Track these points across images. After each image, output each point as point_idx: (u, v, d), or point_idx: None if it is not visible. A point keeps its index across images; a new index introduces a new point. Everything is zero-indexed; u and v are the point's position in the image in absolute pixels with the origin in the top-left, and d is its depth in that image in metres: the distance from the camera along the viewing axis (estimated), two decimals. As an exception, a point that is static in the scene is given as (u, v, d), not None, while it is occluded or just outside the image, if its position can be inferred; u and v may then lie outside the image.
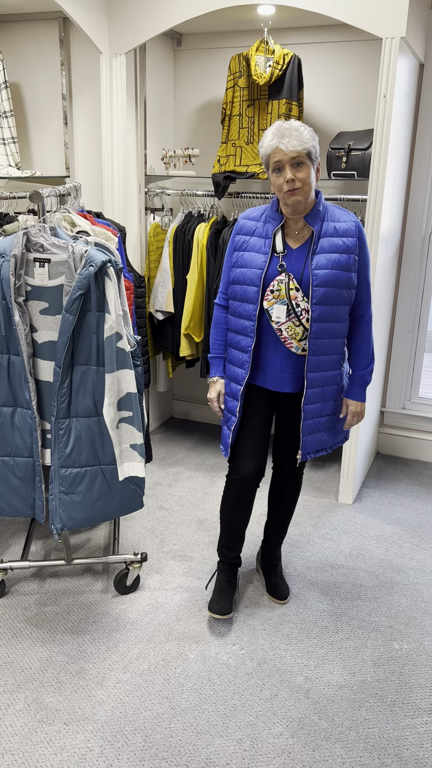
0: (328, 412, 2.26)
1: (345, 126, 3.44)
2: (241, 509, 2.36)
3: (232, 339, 2.24)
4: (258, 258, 2.12)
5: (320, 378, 2.18)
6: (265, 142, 2.03)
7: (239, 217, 2.22)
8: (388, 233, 3.09)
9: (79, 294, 2.06)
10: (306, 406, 2.19)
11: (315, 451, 2.28)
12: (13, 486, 2.28)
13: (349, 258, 2.10)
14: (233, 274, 2.19)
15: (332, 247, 2.09)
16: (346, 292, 2.12)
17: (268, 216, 2.16)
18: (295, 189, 1.99)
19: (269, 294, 2.10)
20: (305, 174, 2.00)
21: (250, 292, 2.13)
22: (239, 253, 2.18)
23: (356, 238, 2.12)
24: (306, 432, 2.23)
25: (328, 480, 3.53)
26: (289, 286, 2.08)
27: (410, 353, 3.72)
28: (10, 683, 2.10)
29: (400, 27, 2.61)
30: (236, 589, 2.52)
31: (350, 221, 2.13)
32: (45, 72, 3.47)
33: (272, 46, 3.12)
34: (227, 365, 2.28)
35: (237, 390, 2.23)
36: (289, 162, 1.98)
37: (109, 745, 1.89)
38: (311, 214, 2.09)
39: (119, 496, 2.31)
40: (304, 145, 1.97)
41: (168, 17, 2.98)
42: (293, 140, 1.95)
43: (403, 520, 3.14)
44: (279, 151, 1.97)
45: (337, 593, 2.58)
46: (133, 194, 3.49)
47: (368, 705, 2.05)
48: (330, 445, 2.33)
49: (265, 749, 1.88)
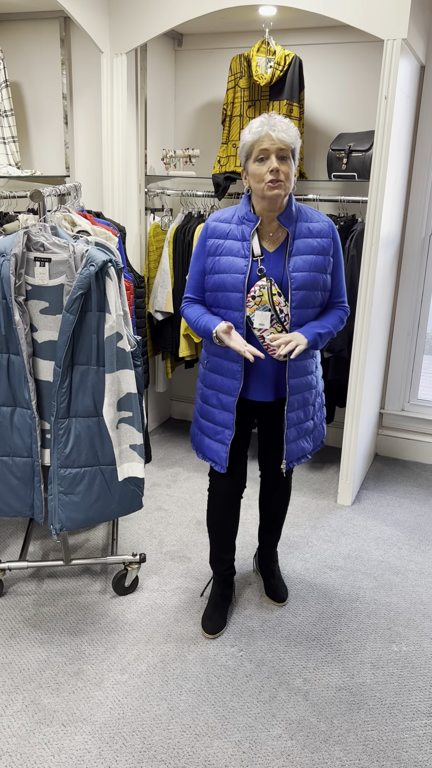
0: (308, 417, 2.22)
1: (346, 127, 3.44)
2: (228, 521, 2.33)
3: (217, 348, 2.13)
4: (238, 262, 2.03)
5: (300, 384, 2.14)
6: (252, 128, 1.94)
7: (208, 220, 2.12)
8: (388, 235, 3.09)
9: (79, 293, 2.06)
10: (289, 413, 2.15)
11: (297, 459, 2.24)
12: (11, 486, 2.27)
13: (325, 259, 2.06)
14: (211, 281, 2.08)
15: (307, 249, 2.04)
16: (321, 294, 2.08)
17: (240, 217, 2.06)
18: (278, 180, 1.93)
19: (250, 300, 2.03)
20: (288, 169, 1.95)
21: (233, 299, 2.04)
22: (215, 258, 2.07)
23: (330, 239, 2.07)
24: (289, 440, 2.19)
25: (326, 481, 3.52)
26: (272, 291, 2.01)
27: (409, 355, 3.72)
28: (8, 684, 2.10)
29: (402, 28, 2.61)
30: (232, 599, 2.49)
31: (323, 221, 2.08)
32: (46, 71, 3.47)
33: (273, 47, 3.12)
34: (212, 375, 2.17)
35: (229, 402, 2.14)
36: (276, 152, 1.92)
37: (107, 746, 1.88)
38: (285, 215, 2.02)
39: (118, 497, 2.30)
40: (292, 139, 1.93)
41: (169, 17, 2.98)
42: (282, 132, 1.91)
43: (402, 521, 3.14)
44: (268, 138, 1.91)
45: (336, 595, 2.58)
46: (133, 194, 3.48)
47: (367, 707, 2.04)
48: (310, 451, 2.28)
49: (263, 751, 1.88)
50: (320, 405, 2.30)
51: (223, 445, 2.18)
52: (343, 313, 2.17)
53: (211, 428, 2.21)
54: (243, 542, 2.92)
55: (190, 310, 2.14)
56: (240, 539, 2.93)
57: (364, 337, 2.99)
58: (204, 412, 2.23)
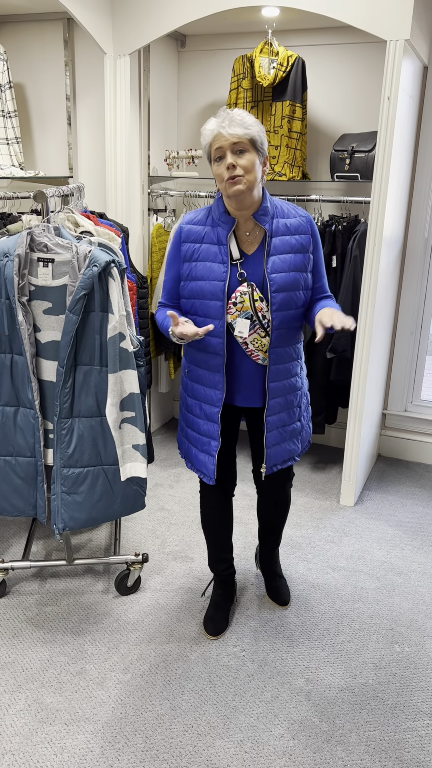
0: (293, 419, 2.15)
1: (348, 128, 3.44)
2: (221, 519, 2.32)
3: (196, 357, 2.07)
4: (216, 268, 1.94)
5: (281, 387, 2.07)
6: (206, 129, 1.87)
7: (181, 223, 2.02)
8: (390, 235, 3.09)
9: (82, 294, 2.06)
10: (269, 417, 2.08)
11: (283, 462, 2.16)
12: (15, 486, 2.28)
13: (304, 257, 1.97)
14: (188, 288, 1.99)
15: (286, 247, 1.95)
16: (303, 293, 2.00)
17: (215, 219, 1.97)
18: (235, 176, 1.83)
19: (231, 307, 1.94)
20: (248, 162, 1.84)
21: (213, 307, 1.95)
22: (191, 264, 1.98)
23: (309, 235, 1.98)
24: (270, 444, 2.11)
25: (329, 482, 3.52)
26: (253, 297, 1.93)
27: (412, 355, 3.72)
28: (11, 683, 2.10)
29: (405, 29, 2.61)
30: (234, 599, 2.47)
31: (300, 216, 1.99)
32: (49, 72, 3.47)
33: (276, 48, 3.12)
34: (194, 384, 2.12)
35: (214, 413, 2.08)
36: (230, 148, 1.82)
37: (110, 745, 1.89)
38: (260, 212, 1.93)
39: (121, 497, 2.31)
40: (246, 131, 1.82)
41: (172, 18, 2.99)
42: (235, 126, 1.82)
43: (405, 522, 3.14)
44: (220, 136, 1.83)
45: (338, 595, 2.58)
46: (136, 195, 3.49)
47: (369, 708, 2.05)
48: (298, 453, 2.21)
49: (265, 751, 1.88)
50: (306, 405, 2.23)
51: (210, 457, 2.13)
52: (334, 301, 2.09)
53: (198, 438, 2.15)
54: (245, 542, 2.92)
55: (159, 313, 2.07)
56: (242, 539, 2.94)
57: (367, 338, 2.99)
58: (189, 422, 2.17)
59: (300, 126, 3.21)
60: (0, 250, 2.08)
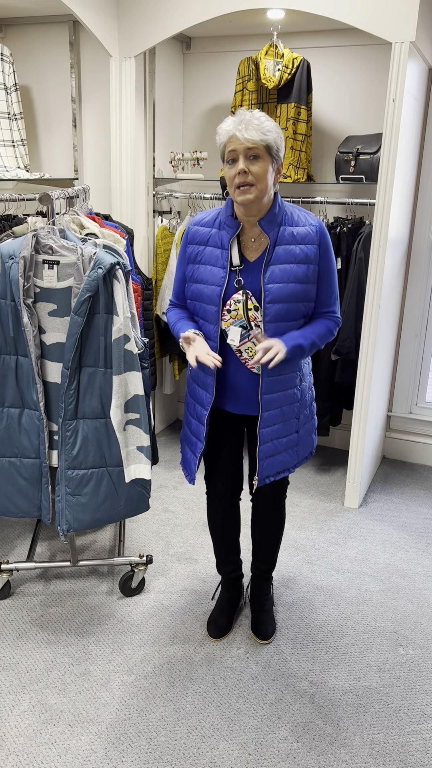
0: (289, 431, 2.08)
1: (354, 130, 3.44)
2: (227, 520, 2.30)
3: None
4: (216, 273, 1.91)
5: (277, 399, 2.00)
6: (222, 128, 1.82)
7: (190, 224, 2.00)
8: (395, 237, 3.09)
9: (87, 296, 2.07)
10: (262, 429, 2.01)
11: (276, 474, 2.09)
12: (19, 487, 2.29)
13: (308, 269, 1.89)
14: (190, 290, 1.99)
15: (288, 257, 1.88)
16: (303, 305, 1.93)
17: (222, 222, 1.94)
18: (246, 184, 1.79)
19: (226, 314, 1.92)
20: (260, 169, 1.78)
21: (209, 312, 1.93)
22: (194, 266, 1.97)
23: (316, 245, 1.90)
24: (263, 456, 2.05)
25: (333, 484, 3.52)
26: (247, 305, 1.89)
27: (417, 357, 3.72)
28: (15, 684, 2.11)
29: (410, 31, 2.61)
30: (239, 604, 2.45)
31: (310, 225, 1.91)
32: (55, 75, 3.48)
33: (281, 50, 3.13)
34: (192, 384, 2.10)
35: (202, 414, 2.05)
36: (243, 152, 1.77)
37: (114, 747, 1.89)
38: (267, 218, 1.87)
39: (125, 498, 2.31)
40: (263, 136, 1.76)
41: (177, 21, 2.99)
42: (252, 129, 1.76)
43: (409, 524, 3.13)
44: (234, 139, 1.77)
45: (343, 598, 2.58)
46: (141, 197, 3.49)
47: (373, 710, 2.04)
48: (294, 464, 2.14)
49: (269, 753, 1.88)
50: (307, 416, 2.15)
51: (194, 457, 2.11)
52: (333, 323, 2.01)
53: (188, 437, 2.15)
54: (251, 546, 2.92)
55: (171, 314, 2.08)
56: (247, 542, 2.93)
57: (371, 340, 2.99)
58: (186, 420, 2.18)
59: (305, 128, 3.21)
60: (5, 252, 2.09)
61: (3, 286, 2.11)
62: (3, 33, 3.52)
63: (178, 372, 3.76)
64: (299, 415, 2.10)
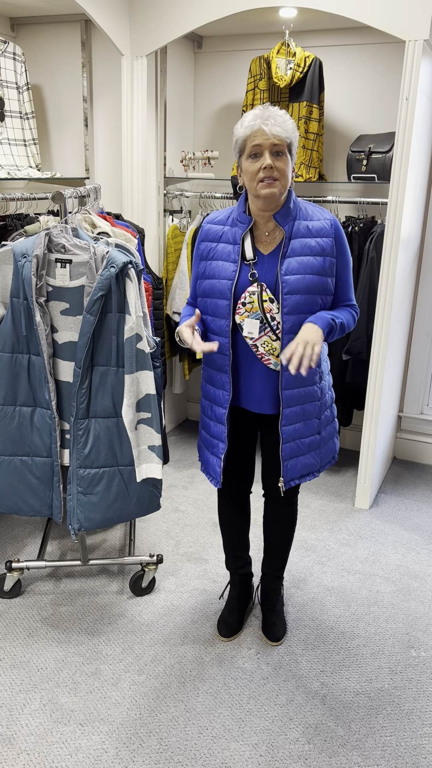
0: (311, 431, 2.06)
1: (366, 129, 3.43)
2: (238, 516, 2.30)
3: (208, 358, 2.07)
4: (227, 267, 1.93)
5: (298, 395, 1.98)
6: (245, 122, 1.80)
7: (203, 222, 2.02)
8: (408, 237, 3.07)
9: (99, 295, 2.07)
10: (284, 427, 1.99)
11: (300, 477, 2.08)
12: (31, 485, 2.29)
13: (324, 261, 1.89)
14: (202, 287, 1.99)
15: (305, 249, 1.88)
16: (321, 298, 1.91)
17: (234, 219, 1.95)
18: (272, 178, 1.79)
19: (241, 307, 1.91)
20: (284, 165, 1.80)
21: (221, 306, 1.93)
22: (206, 262, 1.98)
23: (332, 239, 1.90)
24: (287, 456, 2.02)
25: (344, 485, 3.50)
26: (262, 297, 1.89)
27: (429, 358, 3.69)
28: (26, 683, 2.11)
29: (424, 29, 2.59)
30: (249, 603, 2.44)
31: (325, 219, 1.91)
32: (66, 74, 3.49)
33: (293, 49, 3.11)
34: (207, 386, 2.10)
35: (221, 414, 2.04)
36: (269, 148, 1.78)
37: (125, 746, 1.89)
38: (281, 213, 1.88)
39: (136, 498, 2.31)
40: (287, 133, 1.78)
41: (189, 20, 2.99)
42: (278, 126, 1.76)
43: (421, 526, 3.11)
44: (261, 133, 1.77)
45: (354, 599, 2.56)
46: (152, 196, 3.49)
47: (385, 713, 2.03)
48: (318, 468, 2.12)
49: (281, 755, 1.87)
50: (329, 418, 2.13)
51: (217, 459, 2.09)
52: (355, 312, 2.01)
53: (209, 441, 2.13)
54: (261, 545, 2.91)
55: (182, 313, 2.09)
56: (258, 541, 2.93)
57: (383, 340, 2.97)
58: (203, 424, 2.16)
59: (317, 127, 3.20)
60: (18, 251, 2.09)
61: (16, 284, 2.11)
62: (15, 32, 3.52)
63: (188, 371, 3.75)
64: (320, 414, 2.08)
